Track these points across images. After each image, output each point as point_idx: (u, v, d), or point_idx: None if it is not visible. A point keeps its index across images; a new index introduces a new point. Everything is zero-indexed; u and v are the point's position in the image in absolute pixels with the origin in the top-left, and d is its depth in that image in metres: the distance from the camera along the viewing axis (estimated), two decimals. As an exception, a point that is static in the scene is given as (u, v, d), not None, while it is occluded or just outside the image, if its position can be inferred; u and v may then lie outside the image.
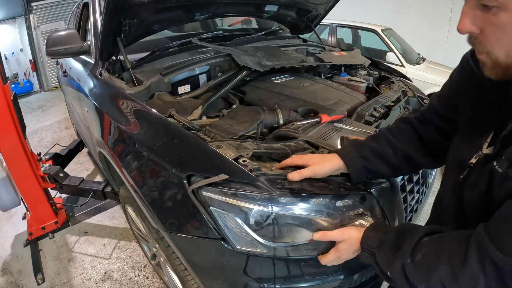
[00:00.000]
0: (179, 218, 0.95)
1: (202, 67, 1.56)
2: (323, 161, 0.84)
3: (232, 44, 1.78)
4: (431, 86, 3.57)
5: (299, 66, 1.70)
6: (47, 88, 7.49)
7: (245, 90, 1.52)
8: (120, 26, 1.39)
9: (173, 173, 0.92)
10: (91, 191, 1.91)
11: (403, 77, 1.98)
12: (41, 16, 6.90)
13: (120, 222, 2.23)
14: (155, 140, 1.03)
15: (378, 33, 4.00)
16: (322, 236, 0.77)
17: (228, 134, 1.10)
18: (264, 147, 1.01)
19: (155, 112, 1.12)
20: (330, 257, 0.76)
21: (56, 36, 1.66)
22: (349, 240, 0.71)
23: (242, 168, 0.86)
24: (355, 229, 0.72)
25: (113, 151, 1.24)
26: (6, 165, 1.82)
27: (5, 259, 1.99)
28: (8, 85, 1.82)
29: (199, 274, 1.02)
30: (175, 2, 1.49)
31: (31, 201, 1.99)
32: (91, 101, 1.51)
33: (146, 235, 1.48)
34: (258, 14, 2.08)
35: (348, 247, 0.71)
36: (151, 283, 1.71)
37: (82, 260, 1.91)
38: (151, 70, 1.47)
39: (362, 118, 1.31)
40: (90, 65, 1.72)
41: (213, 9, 1.79)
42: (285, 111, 1.30)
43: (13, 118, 1.77)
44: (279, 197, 0.83)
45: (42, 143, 3.93)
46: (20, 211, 2.26)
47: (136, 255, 1.91)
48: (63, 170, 2.04)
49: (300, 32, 2.44)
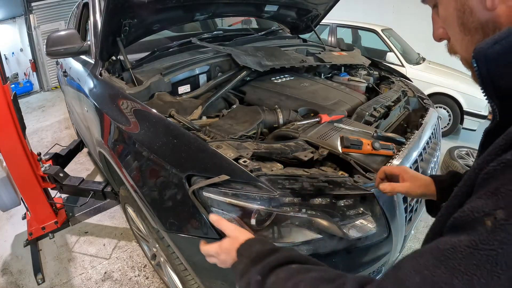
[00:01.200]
0: (179, 218, 0.95)
1: (202, 67, 1.56)
2: (419, 184, 0.77)
3: (232, 44, 1.78)
4: (431, 86, 3.57)
5: (299, 66, 1.70)
6: (47, 88, 7.49)
7: (245, 90, 1.52)
8: (120, 26, 1.39)
9: (173, 173, 0.92)
10: (91, 191, 1.91)
11: (403, 77, 1.98)
12: (41, 16, 6.90)
13: (120, 222, 2.23)
14: (155, 140, 1.03)
15: (378, 33, 4.00)
16: (217, 221, 0.69)
17: (228, 134, 1.10)
18: (264, 147, 1.01)
19: (155, 112, 1.12)
20: (210, 248, 0.67)
21: (56, 36, 1.66)
22: (235, 240, 0.62)
23: (242, 168, 0.86)
24: (247, 235, 0.64)
25: (113, 151, 1.24)
26: (6, 165, 1.82)
27: (5, 259, 1.99)
28: (8, 85, 1.82)
29: (199, 274, 1.02)
30: (175, 2, 1.49)
31: (31, 201, 1.99)
32: (91, 101, 1.51)
33: (146, 235, 1.48)
34: (258, 14, 2.08)
35: (230, 247, 0.63)
36: (151, 283, 1.71)
37: (82, 260, 1.91)
38: (151, 70, 1.47)
39: (362, 118, 1.31)
40: (90, 65, 1.72)
41: (213, 9, 1.79)
42: (285, 111, 1.29)
43: (13, 118, 1.77)
44: (280, 198, 0.83)
45: (42, 143, 3.93)
46: (20, 211, 2.26)
47: (136, 255, 1.91)
48: (63, 170, 2.04)
49: (300, 32, 2.44)
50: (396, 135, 1.17)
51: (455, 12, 0.41)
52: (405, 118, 1.50)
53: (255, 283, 0.50)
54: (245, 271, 0.54)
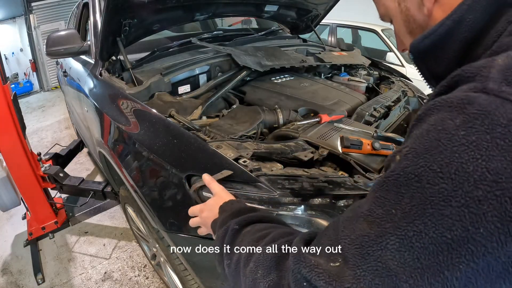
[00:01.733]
0: (179, 218, 0.95)
1: (202, 67, 1.56)
2: None
3: (232, 44, 1.78)
4: (431, 86, 3.56)
5: (299, 66, 1.70)
6: (47, 88, 7.50)
7: (245, 90, 1.52)
8: (120, 26, 1.39)
9: (173, 173, 0.92)
10: (91, 191, 1.91)
11: (403, 77, 1.98)
12: (41, 16, 6.90)
13: (120, 222, 2.23)
14: (155, 140, 1.03)
15: (378, 33, 4.00)
16: (208, 181, 0.76)
17: (228, 134, 1.10)
18: (264, 147, 1.01)
19: (155, 112, 1.12)
20: (196, 207, 0.73)
21: (56, 36, 1.66)
22: (220, 198, 0.68)
23: (242, 168, 0.86)
24: (232, 196, 0.70)
25: (113, 151, 1.24)
26: (6, 165, 1.82)
27: (5, 259, 1.99)
28: (8, 85, 1.82)
29: (199, 274, 1.02)
30: (175, 2, 1.49)
31: (31, 201, 1.99)
32: (91, 101, 1.51)
33: (146, 235, 1.48)
34: (258, 14, 2.08)
35: (214, 203, 0.68)
36: (151, 283, 1.71)
37: (82, 260, 1.91)
38: (151, 70, 1.47)
39: (362, 118, 1.30)
40: (90, 65, 1.72)
41: (213, 9, 1.79)
42: (285, 111, 1.29)
43: (13, 118, 1.77)
44: (280, 198, 0.83)
45: (42, 143, 3.94)
46: (20, 211, 2.26)
47: (136, 255, 1.91)
48: (63, 170, 2.04)
49: (300, 32, 2.44)
50: (396, 135, 1.17)
51: (403, 23, 0.47)
52: (405, 118, 1.50)
53: (232, 230, 0.56)
54: (224, 222, 0.59)
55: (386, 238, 0.32)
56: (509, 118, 0.28)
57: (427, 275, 0.30)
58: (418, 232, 0.30)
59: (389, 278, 0.31)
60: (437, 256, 0.29)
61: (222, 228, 0.59)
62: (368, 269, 0.32)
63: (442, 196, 0.29)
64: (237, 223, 0.57)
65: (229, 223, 0.58)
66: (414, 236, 0.30)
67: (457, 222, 0.29)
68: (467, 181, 0.28)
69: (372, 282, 0.32)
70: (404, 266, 0.31)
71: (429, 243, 0.30)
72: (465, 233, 0.28)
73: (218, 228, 0.61)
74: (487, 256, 0.28)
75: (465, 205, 0.28)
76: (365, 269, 0.33)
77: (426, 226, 0.30)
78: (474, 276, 0.29)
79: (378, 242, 0.33)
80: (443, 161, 0.30)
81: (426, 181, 0.31)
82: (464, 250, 0.29)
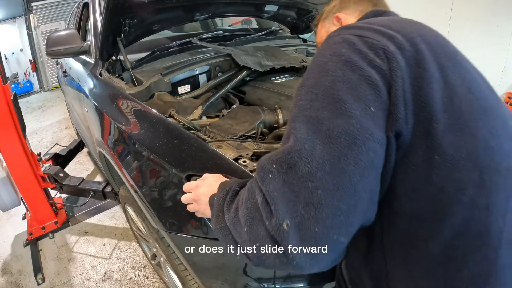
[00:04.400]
0: (179, 218, 0.95)
1: (202, 67, 1.56)
2: None
3: (232, 44, 1.78)
4: (431, 86, 3.56)
5: (299, 66, 1.70)
6: (47, 88, 7.50)
7: (245, 90, 1.52)
8: (120, 26, 1.39)
9: (173, 173, 0.92)
10: (91, 191, 1.91)
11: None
12: (41, 16, 6.90)
13: (120, 222, 2.23)
14: (155, 140, 1.03)
15: (378, 33, 4.00)
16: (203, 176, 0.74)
17: (228, 134, 1.10)
18: (264, 147, 1.01)
19: (155, 112, 1.12)
20: (191, 182, 0.73)
21: (56, 36, 1.66)
22: (220, 177, 0.70)
23: (242, 168, 0.86)
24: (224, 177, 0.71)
25: (113, 151, 1.24)
26: (6, 165, 1.82)
27: (5, 259, 1.99)
28: (8, 85, 1.82)
29: (199, 274, 1.02)
30: (175, 2, 1.49)
31: (31, 201, 1.99)
32: (91, 101, 1.51)
33: (146, 235, 1.48)
34: (258, 14, 2.08)
35: (213, 181, 0.68)
36: (151, 283, 1.71)
37: (82, 260, 1.91)
38: (151, 70, 1.47)
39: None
40: (90, 65, 1.72)
41: (213, 9, 1.79)
42: (285, 111, 1.29)
43: (13, 118, 1.77)
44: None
45: (42, 143, 3.94)
46: (20, 211, 2.26)
47: (136, 255, 1.91)
48: (63, 170, 2.04)
49: (300, 32, 2.44)
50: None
51: (326, 34, 0.67)
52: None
53: (233, 191, 0.58)
54: (226, 185, 0.61)
55: (308, 97, 0.50)
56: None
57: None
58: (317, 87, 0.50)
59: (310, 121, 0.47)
60: (328, 97, 0.48)
61: (223, 190, 0.60)
62: (301, 120, 0.48)
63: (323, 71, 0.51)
64: (239, 184, 0.59)
65: (230, 185, 0.60)
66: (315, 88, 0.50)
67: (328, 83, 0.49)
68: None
69: (303, 127, 0.47)
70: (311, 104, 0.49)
71: (321, 91, 0.49)
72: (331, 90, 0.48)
73: (218, 191, 0.61)
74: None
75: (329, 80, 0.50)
76: (299, 121, 0.48)
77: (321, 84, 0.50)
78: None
79: (308, 104, 0.49)
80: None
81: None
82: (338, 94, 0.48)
